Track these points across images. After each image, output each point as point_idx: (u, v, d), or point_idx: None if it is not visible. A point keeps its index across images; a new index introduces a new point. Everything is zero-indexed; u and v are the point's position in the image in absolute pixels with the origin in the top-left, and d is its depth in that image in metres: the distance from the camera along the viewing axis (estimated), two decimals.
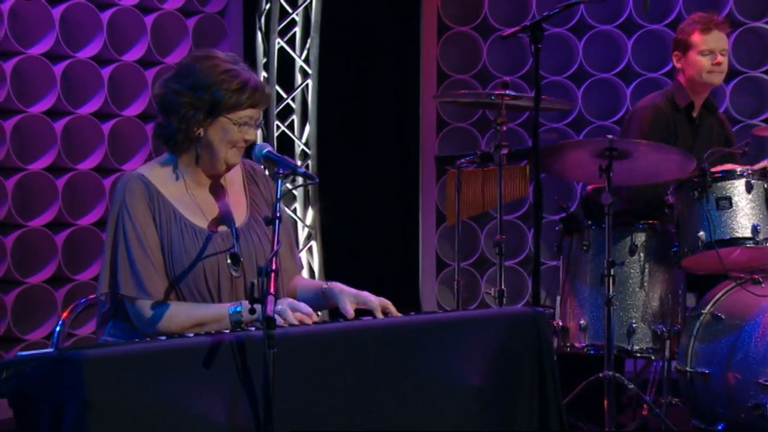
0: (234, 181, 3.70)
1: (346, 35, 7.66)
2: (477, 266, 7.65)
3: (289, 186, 3.65)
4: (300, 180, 3.32)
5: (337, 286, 3.65)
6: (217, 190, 3.64)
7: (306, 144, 7.54)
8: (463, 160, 5.49)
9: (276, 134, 7.44)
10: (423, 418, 3.32)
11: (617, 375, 4.92)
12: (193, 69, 3.53)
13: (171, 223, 3.52)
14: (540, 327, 3.57)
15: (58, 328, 3.82)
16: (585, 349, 5.16)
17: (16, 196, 6.36)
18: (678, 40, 5.60)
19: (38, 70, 6.38)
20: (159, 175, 3.58)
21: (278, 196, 3.31)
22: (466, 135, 7.64)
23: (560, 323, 5.22)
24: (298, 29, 7.54)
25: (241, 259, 3.56)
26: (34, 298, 6.42)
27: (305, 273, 7.58)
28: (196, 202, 3.58)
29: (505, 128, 5.17)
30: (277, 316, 3.27)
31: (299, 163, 7.57)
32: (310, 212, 7.54)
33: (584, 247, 5.20)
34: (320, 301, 3.66)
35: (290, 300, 3.42)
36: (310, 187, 7.53)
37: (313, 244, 7.52)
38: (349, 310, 3.54)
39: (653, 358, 5.19)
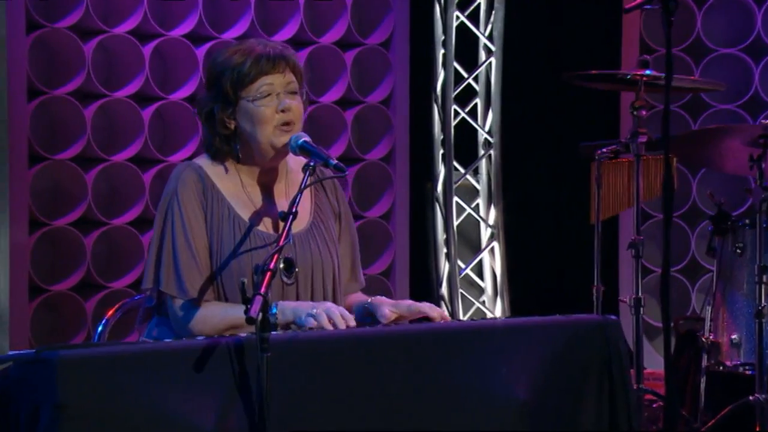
0: (298, 183, 3.78)
1: (535, 7, 7.72)
2: (688, 273, 7.57)
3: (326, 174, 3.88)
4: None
5: (379, 299, 3.80)
6: (278, 192, 3.83)
7: (489, 132, 7.68)
8: (604, 150, 5.47)
9: (454, 122, 7.59)
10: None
11: None
12: (208, 71, 3.81)
13: (223, 219, 3.72)
14: (610, 336, 3.67)
15: (100, 328, 4.07)
16: (741, 369, 5.11)
17: (98, 191, 6.46)
18: None
19: (128, 50, 6.49)
20: (216, 167, 3.79)
21: (302, 187, 3.53)
22: (674, 119, 7.57)
23: (710, 338, 5.19)
24: (481, 0, 7.70)
25: (296, 268, 3.79)
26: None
27: (487, 277, 7.74)
28: (252, 200, 3.78)
29: (644, 113, 5.12)
30: (311, 319, 3.51)
31: (481, 152, 7.74)
32: (493, 211, 7.69)
33: (738, 250, 5.15)
34: (365, 318, 3.80)
35: (329, 305, 3.59)
36: (493, 184, 7.67)
37: (496, 245, 7.66)
38: (387, 313, 3.70)
39: None
